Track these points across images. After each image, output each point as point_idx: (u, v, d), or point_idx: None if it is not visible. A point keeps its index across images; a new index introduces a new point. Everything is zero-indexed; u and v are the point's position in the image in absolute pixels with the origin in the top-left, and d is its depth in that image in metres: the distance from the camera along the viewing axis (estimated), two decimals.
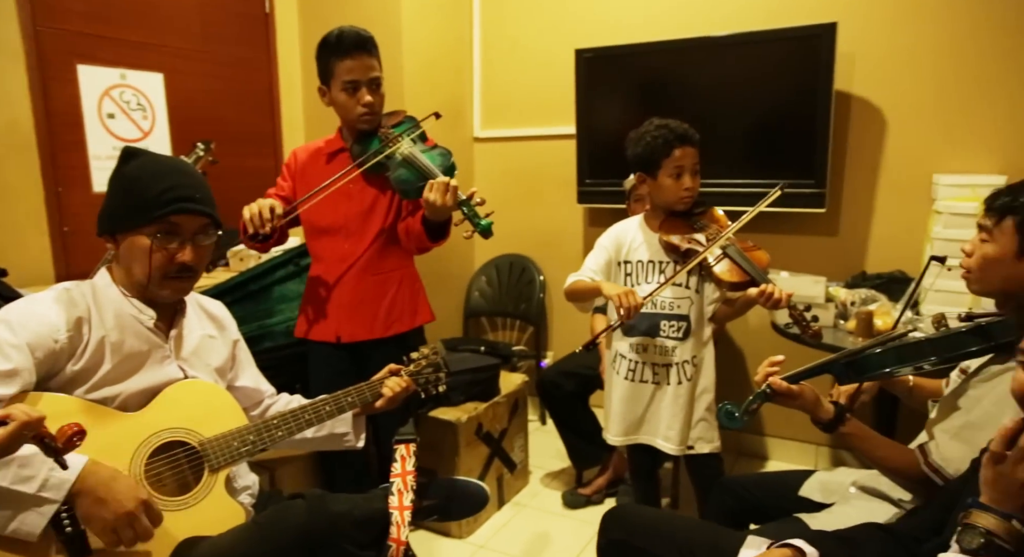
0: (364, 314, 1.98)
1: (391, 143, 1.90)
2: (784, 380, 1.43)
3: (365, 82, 1.88)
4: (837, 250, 2.76)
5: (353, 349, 1.99)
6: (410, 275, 2.07)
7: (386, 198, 1.97)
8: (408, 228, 1.95)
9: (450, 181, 1.75)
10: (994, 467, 0.93)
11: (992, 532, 0.91)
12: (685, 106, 2.83)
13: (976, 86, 2.47)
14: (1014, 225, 1.35)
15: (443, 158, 1.92)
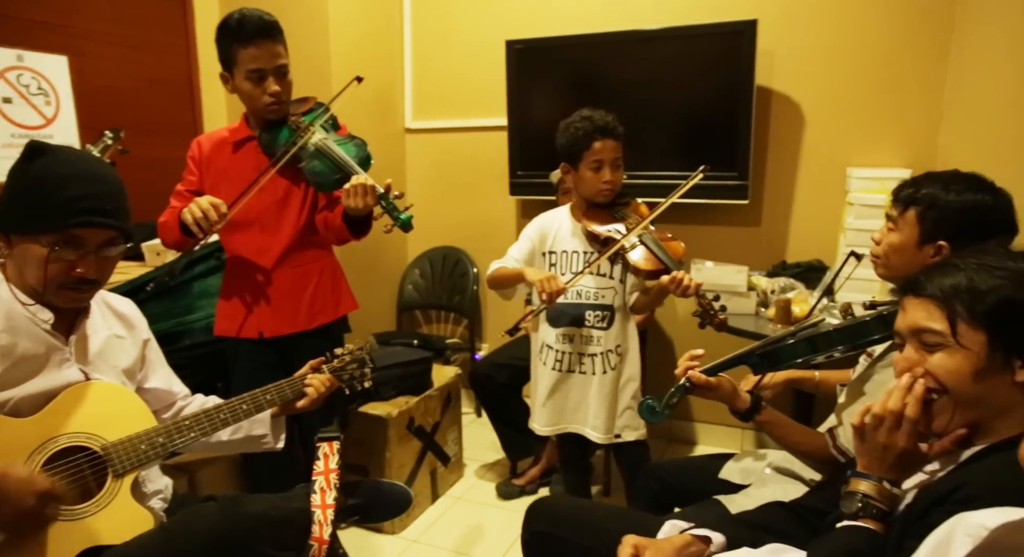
0: (286, 308, 1.93)
1: (302, 133, 1.84)
2: (702, 373, 1.47)
3: (271, 70, 1.81)
4: (759, 240, 2.85)
5: (277, 344, 1.93)
6: (331, 265, 2.03)
7: (300, 189, 1.91)
8: (327, 221, 1.91)
9: (365, 182, 1.72)
10: (858, 439, 1.01)
11: (867, 495, 0.99)
12: (614, 98, 2.86)
13: (886, 84, 2.59)
14: (916, 215, 1.42)
15: (358, 149, 1.88)
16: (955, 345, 0.96)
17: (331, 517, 1.45)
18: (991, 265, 0.96)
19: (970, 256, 1.00)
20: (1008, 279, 0.94)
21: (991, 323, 0.93)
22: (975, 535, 0.74)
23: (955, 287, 0.96)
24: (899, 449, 0.97)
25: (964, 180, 1.39)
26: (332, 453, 1.54)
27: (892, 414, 0.96)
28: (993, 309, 0.93)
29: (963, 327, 0.95)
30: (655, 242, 1.85)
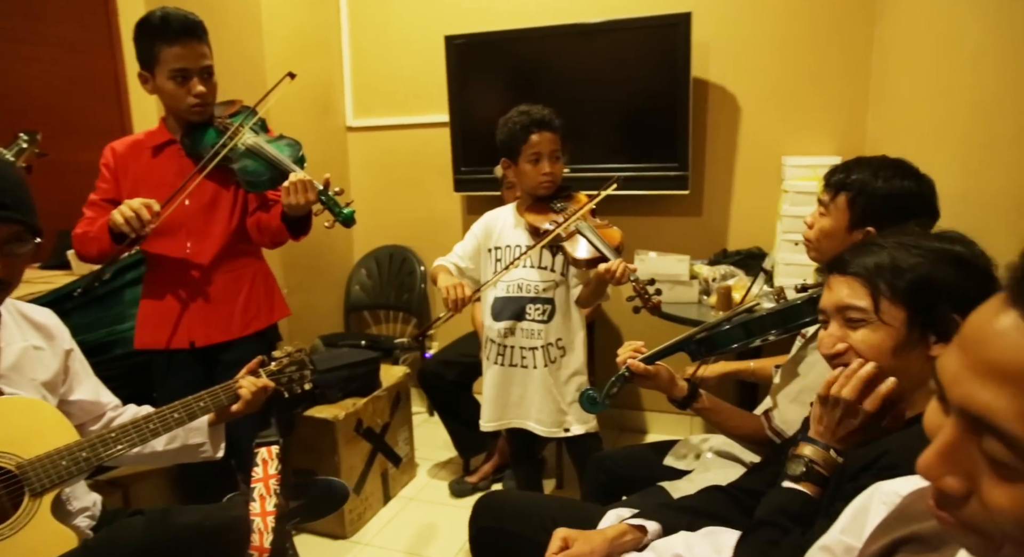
0: (219, 315, 1.87)
1: (232, 133, 1.78)
2: (641, 362, 1.48)
3: (196, 71, 1.75)
4: (701, 230, 2.90)
5: (208, 354, 1.87)
6: (263, 270, 1.98)
7: (229, 192, 1.86)
8: (261, 224, 1.85)
9: (305, 178, 1.68)
10: (821, 406, 1.04)
11: (813, 460, 1.03)
12: (556, 92, 2.87)
13: (816, 75, 2.66)
14: (847, 201, 1.46)
15: (292, 149, 1.84)
16: (877, 321, 0.99)
17: (272, 524, 1.42)
18: (911, 244, 0.99)
19: (891, 236, 1.03)
20: (925, 258, 0.97)
21: (910, 300, 0.96)
22: (889, 502, 0.77)
23: (878, 265, 0.99)
24: (854, 427, 1.01)
25: (892, 167, 1.43)
26: (271, 458, 1.51)
27: (847, 401, 1.00)
28: (912, 286, 0.96)
29: (885, 304, 0.98)
30: (592, 231, 1.86)
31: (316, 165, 1.85)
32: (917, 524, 0.70)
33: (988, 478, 0.48)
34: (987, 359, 0.47)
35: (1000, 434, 0.46)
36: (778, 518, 1.01)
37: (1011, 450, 0.45)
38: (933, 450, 0.51)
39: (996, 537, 0.49)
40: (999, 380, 0.46)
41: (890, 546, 0.72)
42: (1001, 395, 0.46)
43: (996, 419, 0.46)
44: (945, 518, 0.52)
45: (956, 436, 0.50)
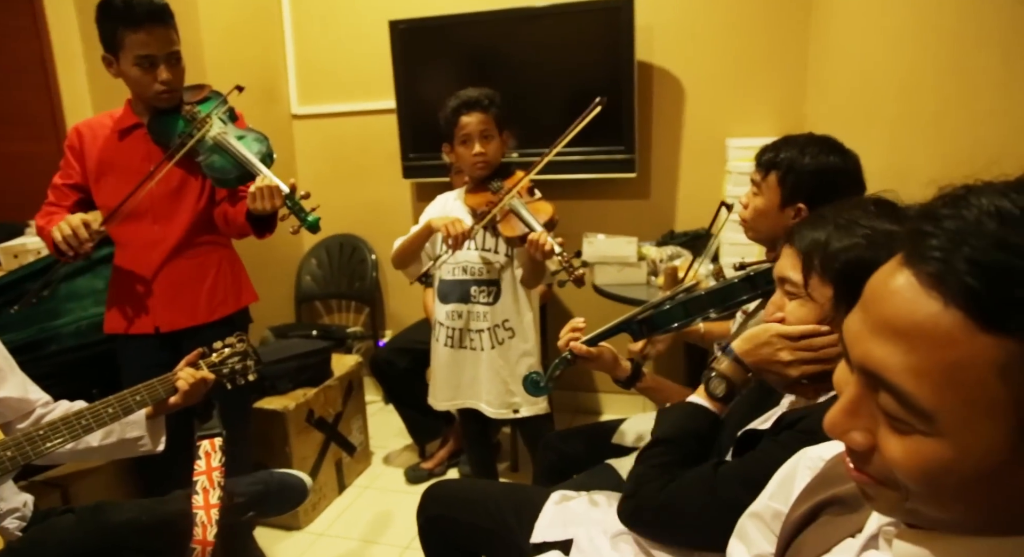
0: (184, 300, 1.85)
1: (199, 125, 1.75)
2: (584, 343, 1.48)
3: (163, 57, 1.70)
4: (649, 212, 2.94)
5: (174, 340, 1.84)
6: (229, 256, 1.96)
7: (197, 180, 1.83)
8: (227, 217, 1.83)
9: (271, 185, 1.65)
10: (778, 336, 1.04)
11: (730, 377, 1.09)
12: (502, 77, 2.85)
13: (756, 59, 2.70)
14: (777, 179, 1.49)
15: (260, 144, 1.80)
16: (806, 296, 1.01)
17: (216, 517, 1.39)
18: (857, 223, 0.98)
19: (844, 210, 1.01)
20: (865, 239, 0.96)
21: (839, 279, 0.97)
22: (814, 467, 0.79)
23: (815, 242, 0.99)
24: (776, 359, 1.04)
25: (818, 143, 1.47)
26: (214, 451, 1.48)
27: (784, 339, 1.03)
28: (844, 266, 0.96)
29: (815, 280, 1.00)
30: (523, 207, 1.86)
31: None
32: (838, 486, 0.73)
33: (884, 432, 0.50)
34: (882, 317, 0.49)
35: (891, 388, 0.48)
36: (686, 439, 1.07)
37: (900, 404, 0.48)
38: (838, 407, 0.54)
39: (901, 490, 0.51)
40: (891, 337, 0.48)
41: (814, 508, 0.74)
42: (893, 351, 0.48)
43: (887, 374, 0.48)
44: (859, 475, 0.54)
45: (858, 393, 0.52)
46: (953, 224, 0.47)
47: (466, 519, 1.45)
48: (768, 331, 1.05)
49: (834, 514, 0.72)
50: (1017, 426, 0.45)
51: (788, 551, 0.76)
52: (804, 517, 0.75)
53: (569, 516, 1.37)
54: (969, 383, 0.45)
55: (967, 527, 0.52)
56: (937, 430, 0.47)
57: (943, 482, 0.48)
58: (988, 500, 0.48)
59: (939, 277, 0.46)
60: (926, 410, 0.46)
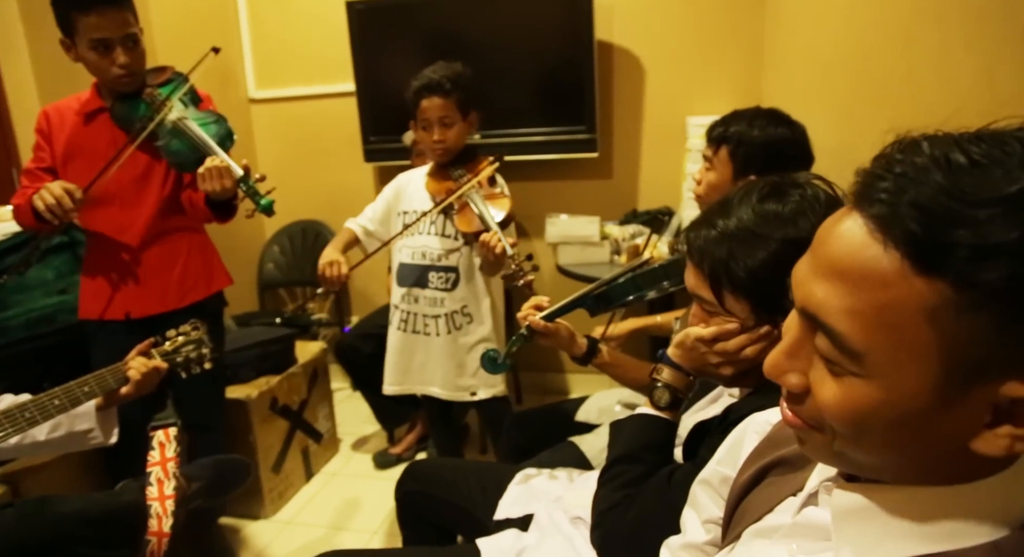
0: (154, 286, 1.84)
1: (159, 108, 1.71)
2: (541, 320, 1.48)
3: (118, 40, 1.65)
4: (612, 191, 2.94)
5: (147, 325, 1.79)
6: (200, 240, 1.95)
7: (161, 164, 1.80)
8: (192, 202, 1.81)
9: (220, 165, 1.63)
10: (698, 341, 1.01)
11: (674, 385, 1.07)
12: (462, 58, 2.78)
13: (714, 37, 2.71)
14: (728, 153, 1.51)
15: (218, 126, 1.77)
16: (724, 313, 0.97)
17: (171, 508, 1.37)
18: (754, 232, 0.91)
19: (737, 208, 0.94)
20: (764, 249, 0.90)
21: (752, 295, 0.93)
22: (761, 432, 0.80)
23: (717, 261, 0.93)
24: (706, 362, 1.02)
25: (766, 116, 1.49)
26: (168, 440, 1.46)
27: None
28: (755, 282, 0.92)
29: (728, 298, 0.95)
30: (480, 201, 1.83)
31: None
32: (784, 448, 0.74)
33: (818, 375, 0.52)
34: (826, 258, 0.50)
35: (826, 329, 0.49)
36: (643, 454, 1.05)
37: (834, 344, 0.49)
38: (779, 349, 0.55)
39: (829, 433, 0.52)
40: (832, 278, 0.49)
41: (760, 471, 0.75)
42: (832, 292, 0.49)
43: (824, 314, 0.49)
44: (792, 418, 0.56)
45: (798, 336, 0.54)
46: (903, 169, 0.47)
47: (440, 496, 1.47)
48: (689, 336, 1.02)
49: (779, 475, 0.73)
50: (942, 372, 0.46)
51: (735, 514, 0.77)
52: (751, 480, 0.76)
53: (531, 493, 1.38)
54: (899, 325, 0.46)
55: (898, 476, 0.53)
56: (867, 371, 0.48)
57: (869, 425, 0.49)
58: (913, 447, 0.50)
59: (884, 219, 0.47)
60: (857, 350, 0.48)
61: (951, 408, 0.47)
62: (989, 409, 0.47)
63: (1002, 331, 0.44)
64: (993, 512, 0.50)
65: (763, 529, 0.70)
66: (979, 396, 0.46)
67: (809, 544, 0.61)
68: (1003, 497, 0.51)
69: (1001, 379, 0.45)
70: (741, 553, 0.72)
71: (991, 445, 0.47)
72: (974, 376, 0.46)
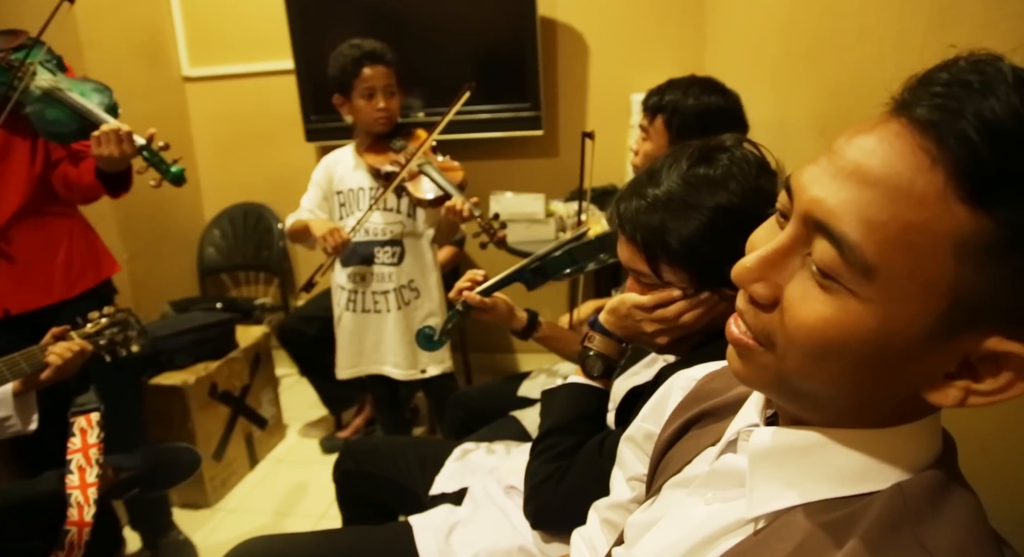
0: (34, 277, 1.69)
1: (19, 74, 1.56)
2: (478, 294, 1.46)
3: None
4: (558, 169, 2.93)
5: (30, 321, 1.68)
6: (80, 224, 1.80)
7: (24, 140, 1.65)
8: (69, 180, 1.67)
9: (121, 127, 1.50)
10: (635, 309, 0.99)
11: (605, 353, 1.05)
12: (403, 35, 2.75)
13: (658, 13, 2.71)
14: (663, 122, 1.50)
15: (100, 93, 1.64)
16: (663, 284, 0.95)
17: (94, 496, 1.32)
18: (685, 200, 0.89)
19: (667, 178, 0.92)
20: (697, 217, 0.88)
21: (689, 264, 0.92)
22: (686, 387, 0.79)
23: (650, 230, 0.91)
24: (640, 330, 1.01)
25: (700, 84, 1.49)
26: (91, 426, 1.40)
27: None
28: (692, 252, 0.90)
29: (665, 270, 0.93)
30: (435, 169, 1.82)
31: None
32: (707, 402, 0.73)
33: (801, 289, 0.47)
34: (852, 161, 0.44)
35: (835, 238, 0.44)
36: (575, 425, 1.03)
37: (841, 255, 0.44)
38: (755, 256, 0.50)
39: (776, 353, 0.49)
40: (855, 182, 0.44)
41: (684, 425, 0.74)
42: (851, 197, 0.44)
43: (836, 221, 0.44)
44: (738, 334, 0.52)
45: (786, 244, 0.48)
46: (973, 78, 0.41)
47: (377, 473, 1.45)
48: (625, 303, 1.00)
49: (701, 427, 0.73)
50: (944, 312, 0.43)
51: (658, 469, 0.77)
52: (674, 434, 0.76)
53: (468, 467, 1.37)
54: (921, 250, 0.42)
55: (832, 412, 0.51)
56: (868, 293, 0.43)
57: (841, 353, 0.45)
58: (869, 384, 0.47)
59: (939, 126, 0.41)
60: (868, 264, 0.42)
61: (930, 352, 0.44)
62: (957, 360, 0.45)
63: (1015, 282, 0.41)
64: (902, 458, 0.50)
65: (681, 480, 0.70)
66: (959, 345, 0.44)
67: (725, 491, 0.60)
68: (915, 444, 0.50)
69: (988, 332, 0.43)
70: (659, 506, 0.71)
71: (944, 396, 0.46)
72: (968, 324, 0.43)
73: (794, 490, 0.52)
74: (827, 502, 0.51)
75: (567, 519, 0.97)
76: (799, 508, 0.52)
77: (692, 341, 1.01)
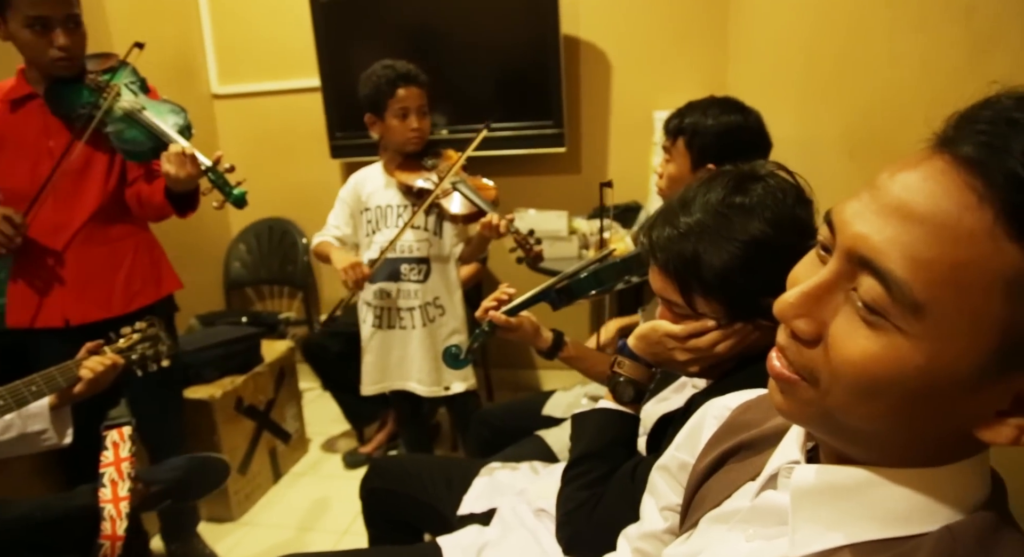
0: (96, 290, 1.73)
1: (106, 94, 1.62)
2: (504, 314, 1.46)
3: (59, 20, 1.54)
4: (581, 186, 2.93)
5: (88, 332, 1.70)
6: (146, 241, 1.85)
7: (104, 157, 1.70)
8: (142, 197, 1.72)
9: (186, 149, 1.54)
10: (667, 337, 0.98)
11: (635, 379, 1.05)
12: (429, 53, 2.79)
13: (679, 31, 2.72)
14: (684, 144, 1.51)
15: (176, 115, 1.69)
16: (695, 315, 0.94)
17: (126, 510, 1.33)
18: (719, 233, 0.88)
19: (699, 209, 0.91)
20: (733, 247, 0.87)
21: (724, 295, 0.91)
22: (720, 417, 0.78)
23: (683, 260, 0.89)
24: (671, 357, 1.00)
25: (719, 105, 1.49)
26: (123, 440, 1.42)
27: None
28: (727, 284, 0.89)
29: (699, 301, 0.92)
30: (467, 186, 1.85)
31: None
32: (744, 433, 0.73)
33: (846, 325, 0.47)
34: (896, 199, 0.45)
35: (882, 275, 0.44)
36: (607, 451, 1.02)
37: (888, 293, 0.43)
38: (798, 291, 0.49)
39: (820, 389, 0.48)
40: (900, 220, 0.44)
41: (720, 457, 0.74)
42: (898, 235, 0.44)
43: (883, 258, 0.44)
44: (780, 368, 0.52)
45: (830, 280, 0.48)
46: (1019, 115, 0.41)
47: (404, 492, 1.45)
48: (657, 330, 0.99)
49: (738, 460, 0.72)
50: (994, 350, 0.42)
51: (694, 500, 0.76)
52: (710, 466, 0.75)
53: (495, 487, 1.37)
54: (970, 288, 0.41)
55: (878, 449, 0.50)
56: (916, 330, 0.43)
57: (888, 390, 0.45)
58: (918, 422, 0.46)
59: (986, 164, 0.41)
60: (917, 301, 0.42)
61: (980, 389, 0.44)
62: (1010, 397, 0.44)
63: None
64: (951, 498, 0.49)
65: (721, 515, 0.69)
66: (1012, 382, 0.43)
67: (766, 529, 0.60)
68: (964, 483, 0.49)
69: None
70: (698, 540, 0.71)
71: (996, 433, 0.45)
72: (1021, 361, 0.42)
73: (839, 531, 0.51)
74: (873, 543, 0.50)
75: (600, 546, 0.96)
76: (845, 549, 0.51)
77: (724, 367, 1.01)
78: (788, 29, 1.72)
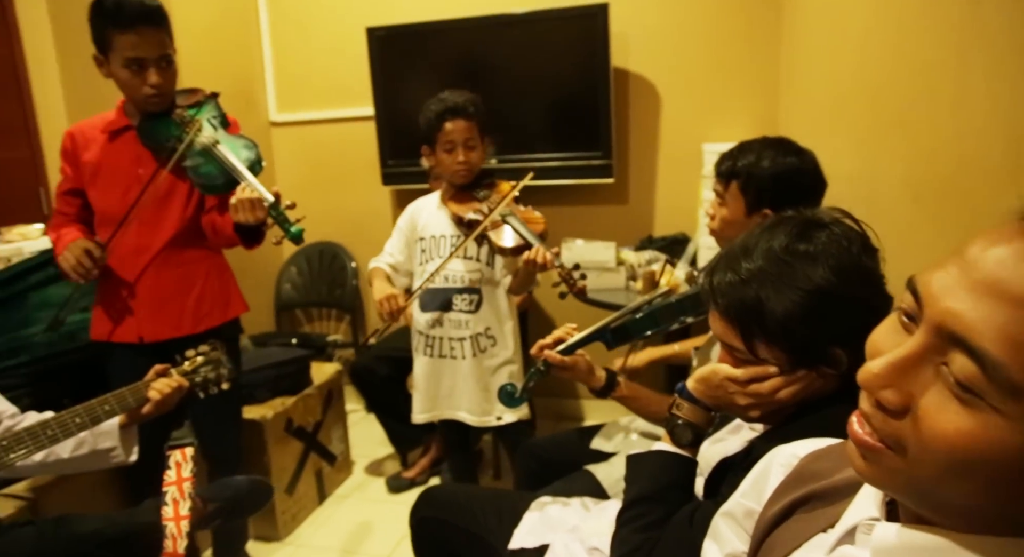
0: (169, 310, 1.82)
1: (187, 129, 1.72)
2: (559, 353, 1.45)
3: (153, 60, 1.67)
4: (628, 217, 2.95)
5: (161, 349, 1.79)
6: (218, 265, 1.94)
7: (184, 185, 1.80)
8: (215, 227, 1.81)
9: (252, 197, 1.63)
10: (728, 381, 0.98)
11: (694, 422, 1.04)
12: (480, 84, 2.85)
13: (730, 64, 2.73)
14: (739, 188, 1.49)
15: (248, 151, 1.78)
16: (757, 360, 0.94)
17: (186, 529, 1.37)
18: (781, 279, 0.88)
19: (757, 254, 0.91)
20: (796, 294, 0.87)
21: (786, 343, 0.90)
22: (787, 465, 0.78)
23: (745, 306, 0.89)
24: (731, 401, 1.00)
25: (773, 147, 1.47)
26: (185, 460, 1.46)
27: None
28: (784, 330, 0.88)
29: (761, 347, 0.92)
30: (517, 219, 1.87)
31: None
32: (813, 483, 0.72)
33: (937, 400, 0.46)
34: (989, 276, 0.44)
35: (977, 354, 0.43)
36: (664, 494, 1.02)
37: (984, 372, 0.43)
38: (884, 362, 0.49)
39: (908, 459, 0.48)
40: (994, 299, 0.43)
41: (788, 506, 0.73)
42: (992, 315, 0.43)
43: (976, 337, 0.43)
44: (864, 435, 0.51)
45: (917, 353, 0.47)
46: None
47: (455, 523, 1.45)
48: (718, 374, 0.99)
49: (808, 510, 0.71)
50: None
51: (761, 549, 0.76)
52: (778, 515, 0.74)
53: (547, 523, 1.36)
54: None
55: (965, 518, 0.49)
56: (1013, 411, 0.42)
57: (981, 468, 0.44)
58: (1009, 498, 0.45)
59: None
60: (1015, 383, 0.41)
61: None
62: None
63: None
64: None
65: None
66: None
67: None
68: None
69: None
70: None
71: None
72: None
73: None
74: None
75: None
76: None
77: (784, 412, 1.00)
78: (853, 68, 1.72)
